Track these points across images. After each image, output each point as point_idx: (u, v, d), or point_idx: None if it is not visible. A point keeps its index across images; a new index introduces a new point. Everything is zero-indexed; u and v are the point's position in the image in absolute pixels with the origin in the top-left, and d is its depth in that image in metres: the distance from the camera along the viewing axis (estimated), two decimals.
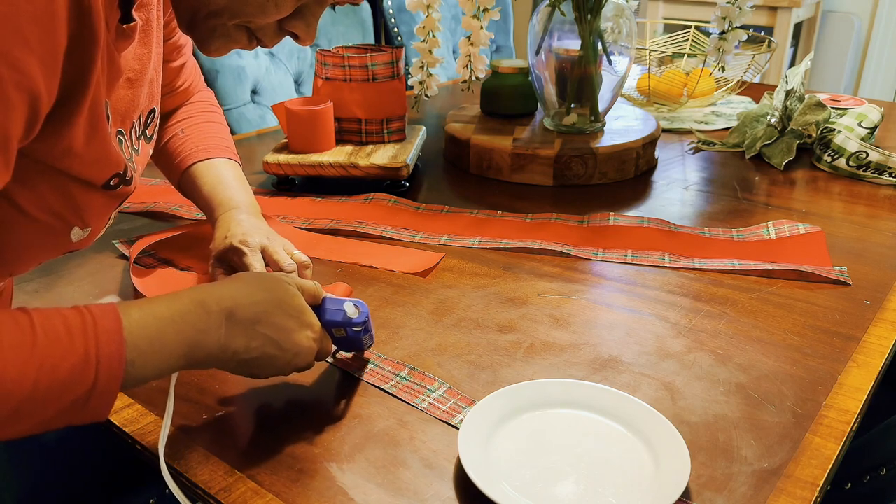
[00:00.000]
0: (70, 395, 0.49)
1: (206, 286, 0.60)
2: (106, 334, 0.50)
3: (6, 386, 0.46)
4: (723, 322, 0.79)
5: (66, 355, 0.49)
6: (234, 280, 0.61)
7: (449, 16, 2.10)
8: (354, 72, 1.16)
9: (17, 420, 0.48)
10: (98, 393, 0.50)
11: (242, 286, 0.60)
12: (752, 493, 0.55)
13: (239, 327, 0.58)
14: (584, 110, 1.25)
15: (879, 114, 1.28)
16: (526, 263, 0.92)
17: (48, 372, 0.48)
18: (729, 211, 1.08)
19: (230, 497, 0.55)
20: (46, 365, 0.48)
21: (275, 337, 0.59)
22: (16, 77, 0.45)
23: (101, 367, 0.50)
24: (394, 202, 1.10)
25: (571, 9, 1.16)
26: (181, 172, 0.88)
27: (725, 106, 1.63)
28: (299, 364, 0.62)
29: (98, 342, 0.50)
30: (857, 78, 3.28)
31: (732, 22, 1.41)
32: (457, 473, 0.58)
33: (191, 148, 0.89)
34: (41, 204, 0.57)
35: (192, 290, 0.58)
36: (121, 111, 0.65)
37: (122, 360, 0.51)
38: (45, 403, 0.48)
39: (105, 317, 0.51)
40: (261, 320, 0.59)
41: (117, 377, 0.51)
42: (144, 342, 0.53)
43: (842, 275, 0.87)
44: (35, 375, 0.47)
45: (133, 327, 0.52)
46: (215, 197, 0.85)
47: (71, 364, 0.49)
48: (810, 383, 0.68)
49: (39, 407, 0.48)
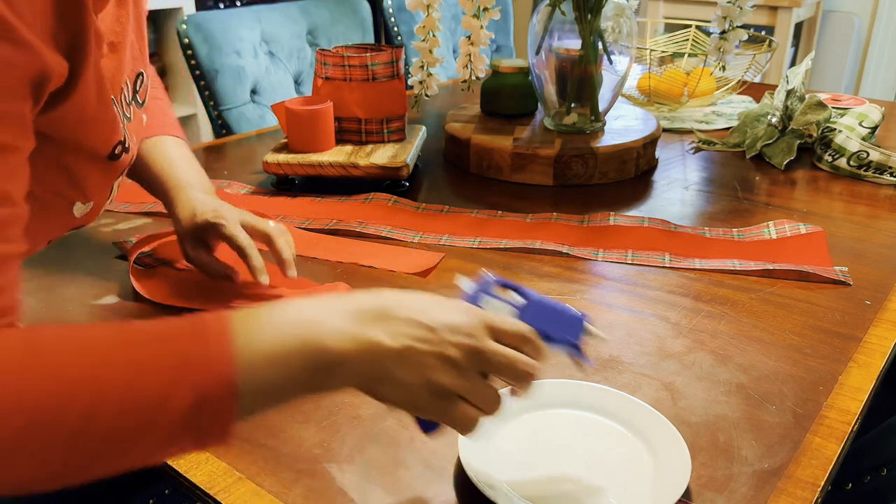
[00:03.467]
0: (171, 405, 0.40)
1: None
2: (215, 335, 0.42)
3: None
4: (723, 322, 0.79)
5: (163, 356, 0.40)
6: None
7: (449, 16, 2.10)
8: (354, 71, 1.16)
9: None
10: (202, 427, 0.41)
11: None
12: (753, 493, 0.55)
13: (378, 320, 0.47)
14: (584, 110, 1.25)
15: (880, 113, 1.28)
16: (526, 263, 0.92)
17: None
18: (729, 211, 1.08)
19: (230, 497, 0.55)
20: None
21: (423, 319, 0.47)
22: (9, 36, 0.43)
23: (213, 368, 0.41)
24: (394, 202, 1.10)
25: (572, 8, 1.16)
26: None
27: (726, 106, 1.63)
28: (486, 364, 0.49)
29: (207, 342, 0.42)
30: (857, 78, 3.28)
31: (733, 21, 1.41)
32: (457, 474, 0.58)
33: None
34: (40, 181, 0.56)
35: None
36: (108, 78, 0.64)
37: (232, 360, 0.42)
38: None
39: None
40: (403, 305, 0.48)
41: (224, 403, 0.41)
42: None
43: (842, 275, 0.87)
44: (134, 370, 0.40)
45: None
46: (167, 176, 0.83)
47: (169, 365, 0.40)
48: (811, 383, 0.68)
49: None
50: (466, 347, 0.48)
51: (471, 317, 0.49)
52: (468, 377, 0.48)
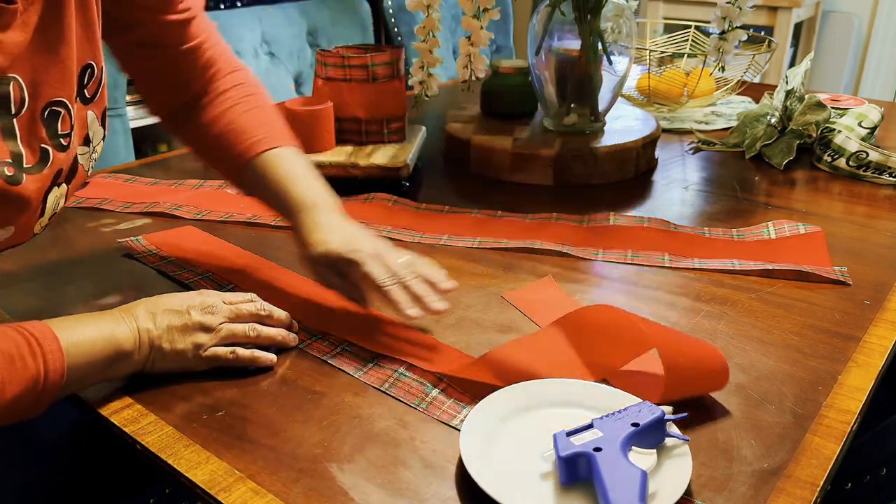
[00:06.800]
0: (19, 405, 0.58)
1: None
2: (51, 353, 0.59)
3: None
4: (723, 322, 0.79)
5: (21, 376, 0.58)
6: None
7: (449, 16, 2.10)
8: (354, 72, 1.16)
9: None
10: (41, 404, 0.60)
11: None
12: (753, 493, 0.55)
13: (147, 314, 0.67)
14: (584, 110, 1.25)
15: (879, 114, 1.28)
16: (526, 263, 0.92)
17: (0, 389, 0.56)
18: (729, 211, 1.08)
19: (230, 497, 0.55)
20: (4, 383, 0.56)
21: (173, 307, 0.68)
22: None
23: (49, 382, 0.59)
24: (394, 202, 1.10)
25: (571, 9, 1.16)
26: (238, 170, 0.82)
27: (725, 106, 1.63)
28: (206, 321, 0.68)
29: (45, 360, 0.59)
30: (857, 78, 3.28)
31: (732, 22, 1.41)
32: (458, 473, 0.58)
33: (250, 138, 0.82)
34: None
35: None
36: (45, 82, 0.64)
37: (63, 374, 0.60)
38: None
39: (45, 338, 0.60)
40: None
41: (58, 387, 0.60)
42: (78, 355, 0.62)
43: (842, 275, 0.87)
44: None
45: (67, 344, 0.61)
46: (289, 196, 0.79)
47: (22, 382, 0.58)
48: (810, 383, 0.68)
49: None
50: (209, 311, 0.68)
51: (204, 295, 0.70)
52: (217, 331, 0.68)
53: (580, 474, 0.55)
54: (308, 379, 0.69)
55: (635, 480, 0.52)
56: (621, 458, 0.54)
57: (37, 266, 0.89)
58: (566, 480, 0.55)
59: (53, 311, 0.80)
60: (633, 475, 0.52)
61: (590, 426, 0.57)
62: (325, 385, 0.69)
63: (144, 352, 0.66)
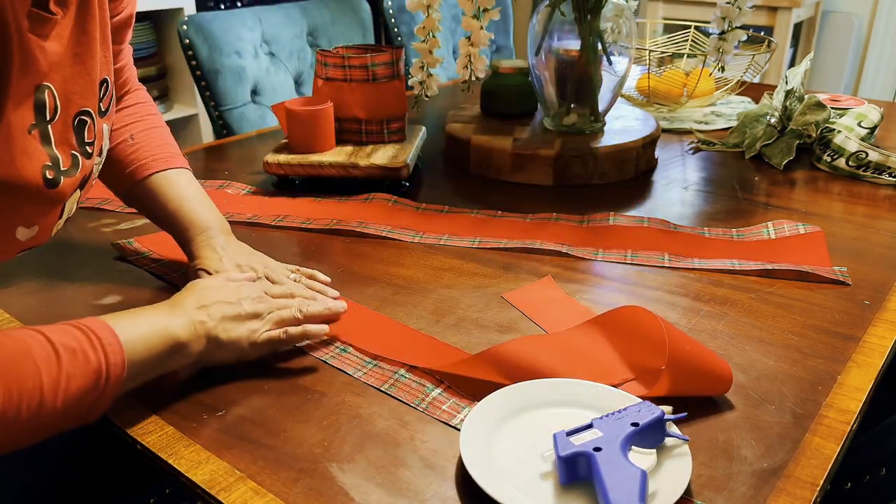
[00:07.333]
0: (83, 402, 0.57)
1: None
2: (110, 346, 0.59)
3: (37, 398, 0.54)
4: (723, 322, 0.79)
5: (84, 369, 0.57)
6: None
7: (449, 16, 2.10)
8: (355, 72, 1.16)
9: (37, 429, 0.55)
10: (102, 401, 0.59)
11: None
12: (752, 492, 0.55)
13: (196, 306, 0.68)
14: (583, 110, 1.25)
15: (879, 114, 1.28)
16: (526, 263, 0.92)
17: (66, 384, 0.56)
18: (729, 211, 1.08)
19: (230, 497, 0.55)
20: (69, 377, 0.56)
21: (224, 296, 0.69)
22: None
23: (111, 376, 0.58)
24: (394, 202, 1.10)
25: (571, 9, 1.16)
26: (134, 183, 0.86)
27: (725, 106, 1.63)
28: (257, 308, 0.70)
29: (105, 353, 0.58)
30: (856, 78, 3.28)
31: (732, 22, 1.41)
32: (458, 473, 0.58)
33: (145, 157, 0.86)
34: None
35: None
36: (77, 92, 0.65)
37: (124, 367, 0.59)
38: (63, 412, 0.56)
39: (103, 332, 0.59)
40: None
41: (120, 381, 0.59)
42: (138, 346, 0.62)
43: (841, 275, 0.87)
44: (64, 386, 0.55)
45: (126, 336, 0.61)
46: (182, 216, 0.83)
47: (86, 376, 0.57)
48: (810, 383, 0.68)
49: (59, 416, 0.56)
50: (258, 300, 0.71)
51: (248, 287, 0.73)
52: (267, 318, 0.71)
53: (580, 474, 0.55)
54: (308, 379, 0.69)
55: (635, 480, 0.52)
56: (621, 458, 0.54)
57: (37, 266, 0.89)
58: (566, 480, 0.55)
59: (53, 311, 0.80)
60: (632, 475, 0.52)
61: (589, 426, 0.57)
62: (325, 385, 0.69)
63: (201, 343, 0.66)
